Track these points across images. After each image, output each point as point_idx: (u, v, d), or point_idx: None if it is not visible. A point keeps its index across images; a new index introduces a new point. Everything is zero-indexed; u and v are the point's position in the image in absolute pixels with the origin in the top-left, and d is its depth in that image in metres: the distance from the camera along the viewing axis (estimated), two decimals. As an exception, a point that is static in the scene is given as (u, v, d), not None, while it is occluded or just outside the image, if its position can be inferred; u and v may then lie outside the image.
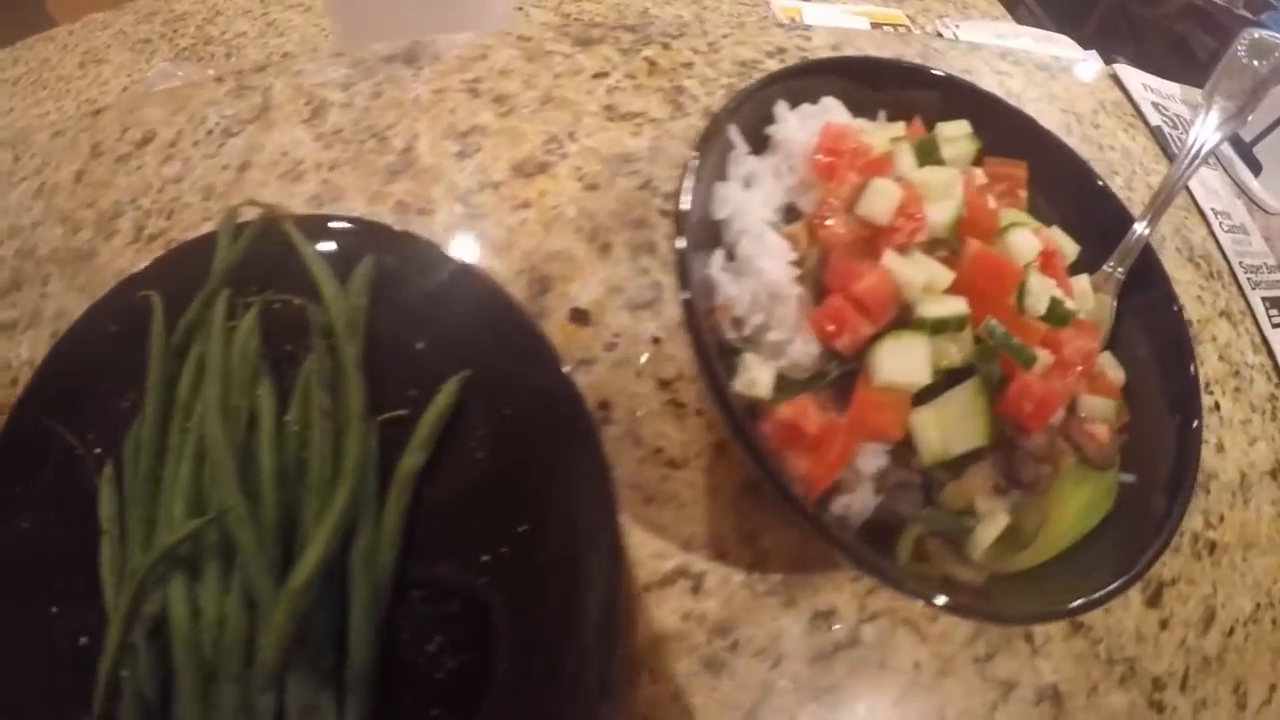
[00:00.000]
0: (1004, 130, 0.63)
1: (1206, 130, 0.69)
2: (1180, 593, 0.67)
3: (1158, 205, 0.66)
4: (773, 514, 0.56)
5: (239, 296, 0.54)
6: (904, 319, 0.48)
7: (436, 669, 0.46)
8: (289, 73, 0.75)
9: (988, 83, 0.90)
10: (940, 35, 1.22)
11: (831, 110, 0.57)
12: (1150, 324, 0.62)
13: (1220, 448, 0.78)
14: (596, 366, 0.59)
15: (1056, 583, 0.51)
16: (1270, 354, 0.90)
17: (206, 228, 0.62)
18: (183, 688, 0.42)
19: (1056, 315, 0.53)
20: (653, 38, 0.79)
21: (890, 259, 0.48)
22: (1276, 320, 0.94)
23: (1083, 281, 0.60)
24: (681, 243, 0.46)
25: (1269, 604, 0.71)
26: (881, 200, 0.50)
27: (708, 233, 0.52)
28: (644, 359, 0.60)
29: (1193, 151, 0.68)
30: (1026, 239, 0.54)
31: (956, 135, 0.59)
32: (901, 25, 1.24)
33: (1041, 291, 0.52)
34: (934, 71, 0.64)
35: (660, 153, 0.70)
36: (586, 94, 0.73)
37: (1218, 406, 0.81)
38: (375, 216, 0.64)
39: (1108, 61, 1.24)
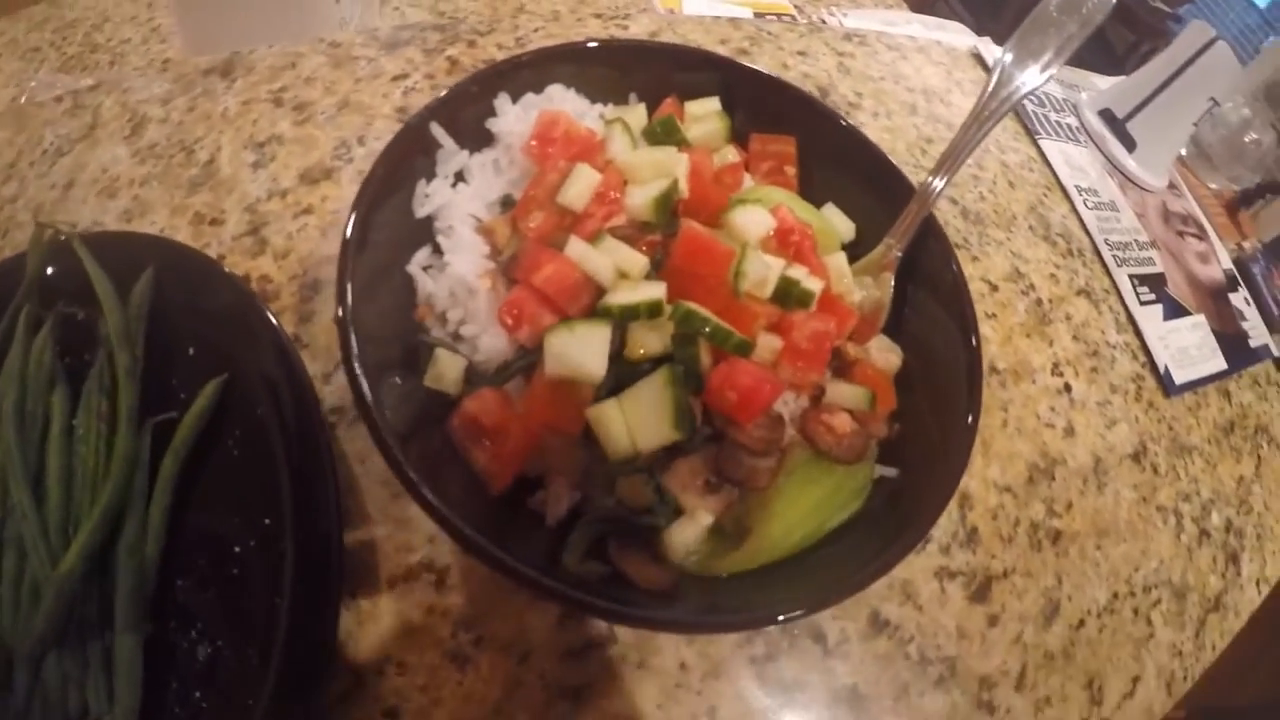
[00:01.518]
0: (773, 104, 0.62)
1: (1008, 87, 0.64)
2: (1014, 586, 0.64)
3: (945, 169, 0.62)
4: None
5: (45, 309, 0.55)
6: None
7: (197, 654, 0.48)
8: (119, 90, 0.75)
9: (824, 64, 0.88)
10: (825, 24, 1.20)
11: (555, 98, 0.56)
12: (934, 296, 0.60)
13: (1070, 431, 0.76)
14: (358, 366, 0.58)
15: (773, 584, 0.49)
16: (1137, 332, 0.88)
17: None
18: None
19: (791, 297, 0.51)
20: (460, 36, 0.78)
21: (574, 246, 0.46)
22: (1146, 298, 0.92)
23: (838, 260, 0.58)
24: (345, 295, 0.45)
25: (1129, 593, 0.69)
26: (578, 186, 0.48)
27: (413, 232, 0.51)
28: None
29: (985, 110, 0.64)
30: (753, 216, 0.52)
31: (704, 113, 0.58)
32: (787, 14, 1.22)
33: (761, 271, 0.49)
34: (672, 48, 0.62)
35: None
36: (383, 97, 0.73)
37: (1068, 388, 0.78)
38: (174, 228, 0.64)
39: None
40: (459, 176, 0.53)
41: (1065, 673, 0.62)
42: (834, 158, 0.62)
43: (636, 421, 0.45)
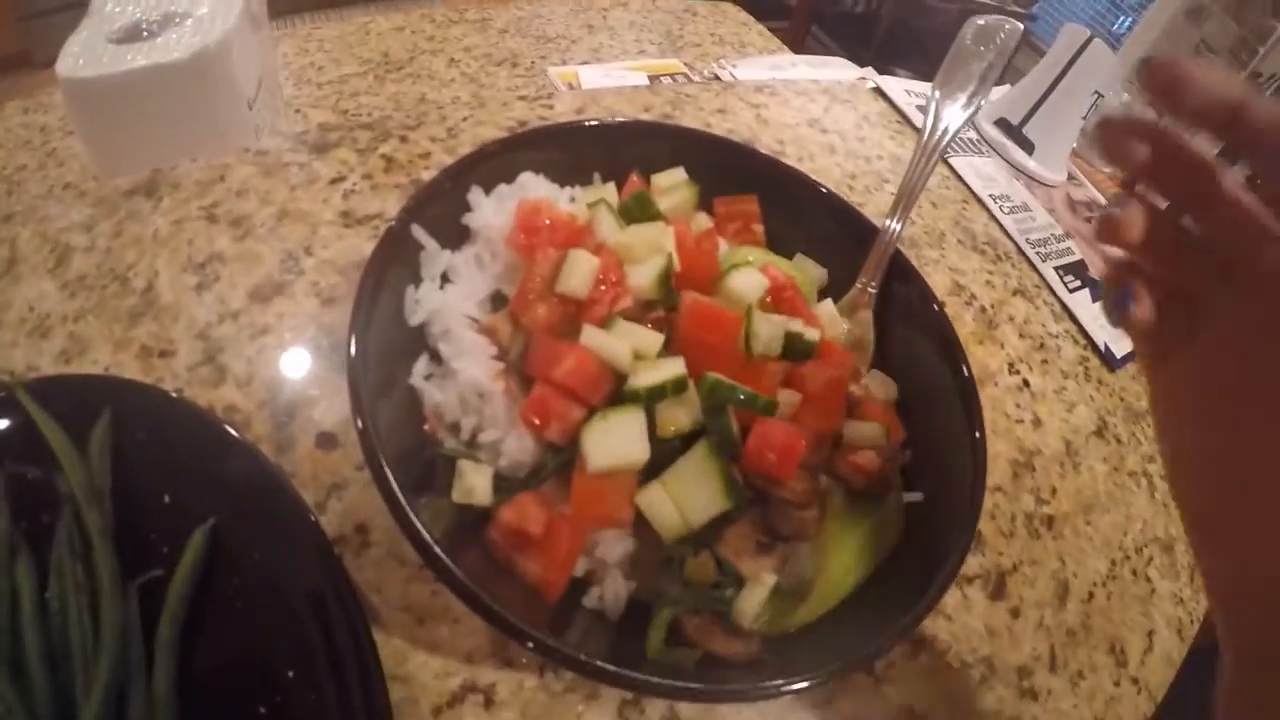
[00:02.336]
0: (733, 167, 0.62)
1: (944, 122, 0.67)
2: (1025, 576, 0.66)
3: (901, 208, 0.64)
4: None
5: None
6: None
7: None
8: (35, 219, 0.69)
9: (744, 118, 0.90)
10: (717, 78, 1.23)
11: (528, 186, 0.55)
12: (917, 328, 0.61)
13: (1037, 422, 0.79)
14: (349, 490, 0.55)
15: (849, 624, 0.49)
16: (1073, 319, 0.93)
17: None
18: None
19: (798, 350, 0.51)
20: (390, 132, 0.76)
21: (590, 335, 0.45)
22: (1074, 285, 0.97)
23: (827, 307, 0.59)
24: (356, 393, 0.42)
25: (1124, 557, 0.72)
26: (578, 273, 0.47)
27: (406, 343, 0.49)
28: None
29: (929, 146, 0.66)
30: (749, 279, 0.52)
31: (672, 184, 0.58)
32: (679, 73, 1.25)
33: (771, 331, 0.49)
34: (640, 121, 0.63)
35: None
36: (323, 202, 0.70)
37: (1026, 384, 0.82)
38: (120, 365, 0.59)
39: (889, 76, 1.28)
40: (444, 278, 0.51)
41: (1089, 644, 0.64)
42: (795, 210, 0.63)
43: (685, 499, 0.44)
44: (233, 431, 0.53)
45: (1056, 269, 0.98)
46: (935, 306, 0.60)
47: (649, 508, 0.44)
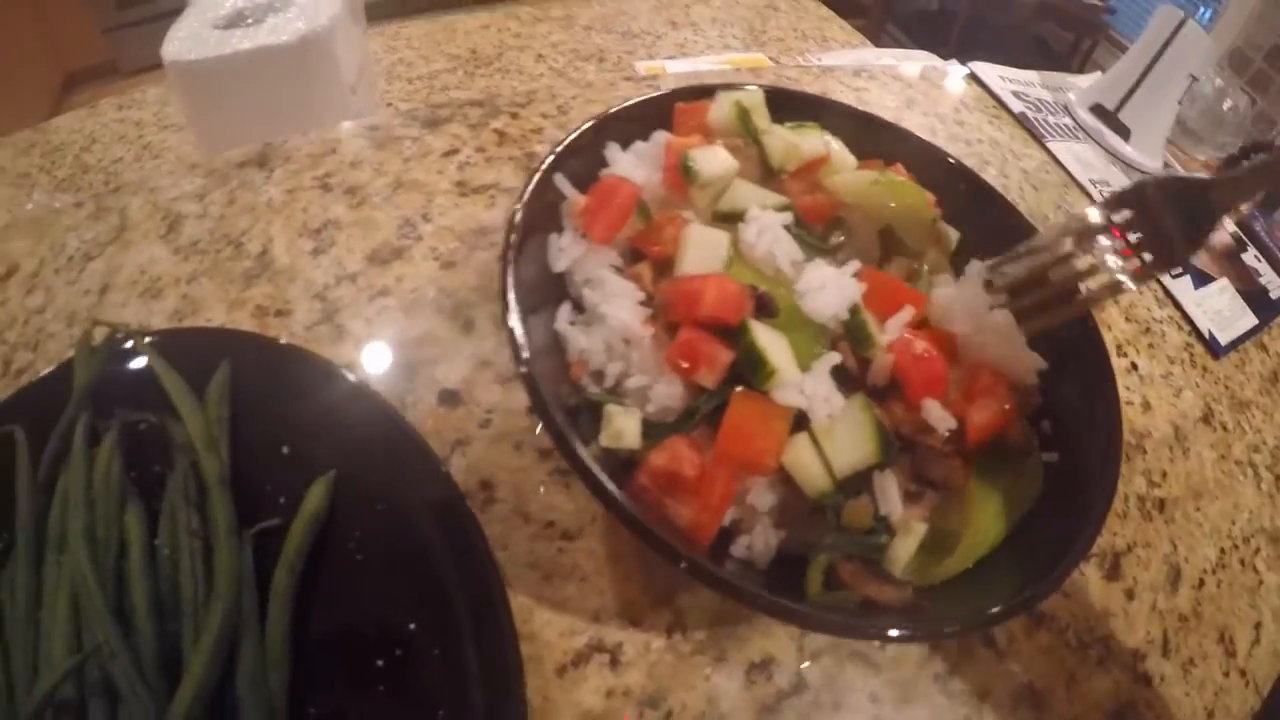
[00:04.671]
0: (870, 139, 0.61)
1: None
2: (1139, 558, 0.64)
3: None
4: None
5: (101, 419, 0.49)
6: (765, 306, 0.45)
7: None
8: (145, 190, 0.70)
9: (844, 100, 0.88)
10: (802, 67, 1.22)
11: (662, 143, 0.53)
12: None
13: (1146, 405, 0.76)
14: (473, 446, 0.54)
15: (995, 578, 0.47)
16: (1176, 305, 0.90)
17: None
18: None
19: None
20: (500, 109, 0.76)
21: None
22: (1175, 272, 0.93)
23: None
24: (514, 321, 0.41)
25: (1233, 546, 0.69)
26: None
27: (550, 290, 0.47)
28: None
29: None
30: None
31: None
32: (765, 67, 1.23)
33: None
34: (780, 87, 0.61)
35: (516, 220, 0.66)
36: (438, 173, 0.70)
37: (1135, 367, 0.80)
38: (235, 323, 0.59)
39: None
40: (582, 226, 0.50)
41: (1200, 632, 0.62)
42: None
43: (835, 452, 0.43)
44: (356, 379, 0.52)
45: (1158, 255, 0.94)
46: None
47: (794, 464, 0.43)
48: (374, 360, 0.57)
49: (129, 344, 0.52)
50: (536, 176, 0.47)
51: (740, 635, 0.50)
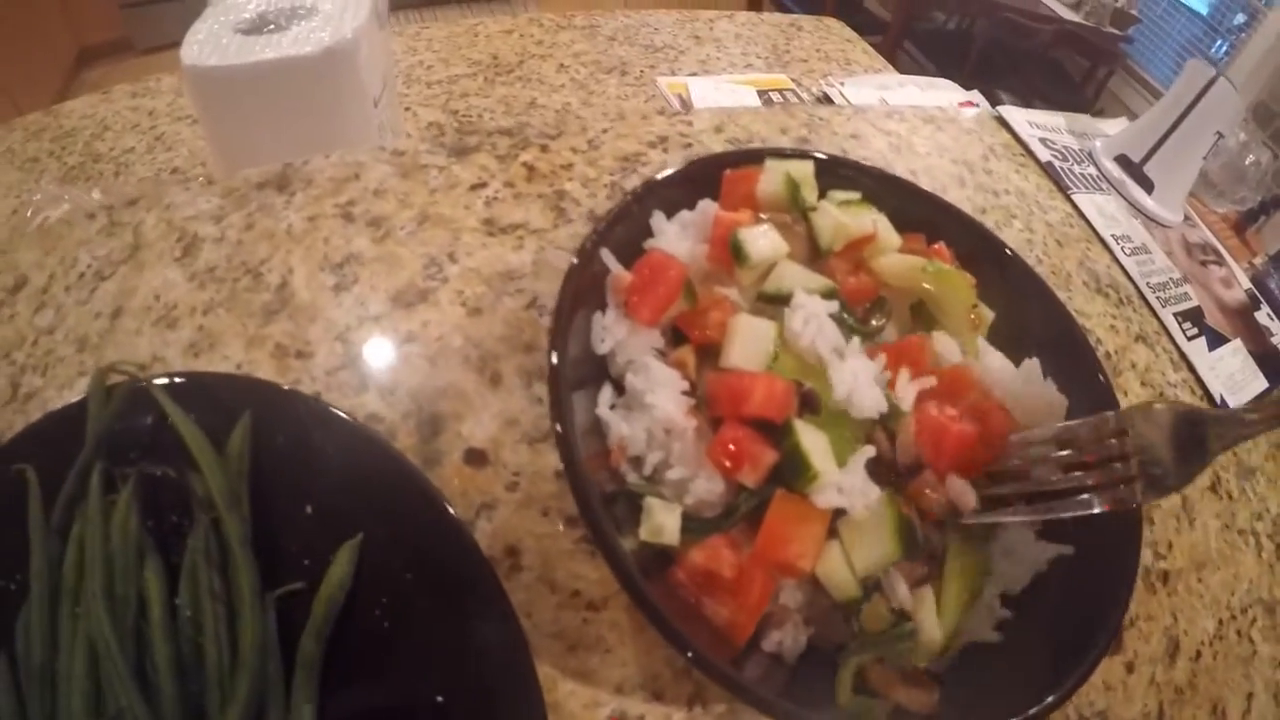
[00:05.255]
0: (909, 210, 0.60)
1: None
2: (1141, 631, 0.63)
3: None
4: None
5: (116, 466, 0.47)
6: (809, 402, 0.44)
7: None
8: (160, 206, 0.68)
9: (877, 145, 0.87)
10: (826, 96, 1.20)
11: (709, 214, 0.52)
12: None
13: None
14: (500, 510, 0.53)
15: (1011, 679, 0.46)
16: (1190, 368, 0.89)
17: (82, 383, 0.55)
18: None
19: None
20: (530, 140, 0.74)
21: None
22: (1191, 333, 0.93)
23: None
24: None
25: (1230, 617, 0.69)
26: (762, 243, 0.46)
27: (592, 367, 0.46)
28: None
29: None
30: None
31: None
32: (788, 89, 1.22)
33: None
34: (831, 156, 0.59)
35: (545, 266, 0.64)
36: (464, 208, 0.68)
37: (1146, 436, 0.78)
38: (253, 364, 0.58)
39: (989, 97, 1.24)
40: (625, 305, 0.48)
41: (1194, 704, 0.62)
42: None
43: (858, 556, 0.42)
44: (383, 439, 0.51)
45: (1175, 315, 0.94)
46: (1101, 378, 0.57)
47: (826, 573, 0.42)
48: (397, 413, 0.56)
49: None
50: (578, 256, 0.46)
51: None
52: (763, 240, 0.48)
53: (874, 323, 0.51)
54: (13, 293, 0.62)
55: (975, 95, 1.28)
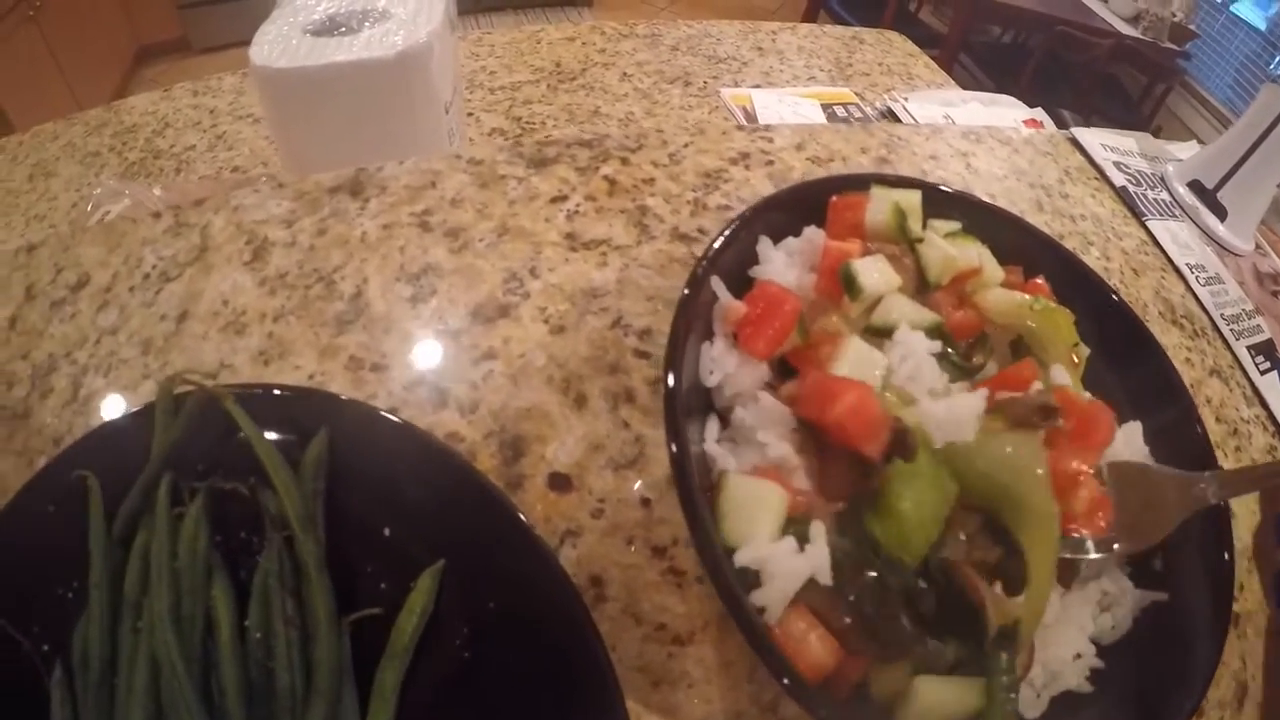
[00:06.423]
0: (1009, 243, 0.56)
1: None
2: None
3: None
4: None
5: (183, 479, 0.45)
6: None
7: None
8: (228, 208, 0.65)
9: (954, 167, 0.83)
10: (890, 111, 1.16)
11: (816, 242, 0.49)
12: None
13: (1231, 514, 0.71)
14: (584, 537, 0.50)
15: None
16: (1263, 404, 0.84)
17: (145, 387, 0.54)
18: None
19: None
20: (611, 153, 0.71)
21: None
22: (1264, 367, 0.88)
23: None
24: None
25: None
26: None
27: (698, 399, 0.43)
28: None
29: None
30: None
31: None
32: (851, 103, 1.18)
33: None
34: (937, 187, 0.56)
35: (628, 284, 0.61)
36: (545, 221, 0.65)
37: (1222, 471, 0.75)
38: (326, 375, 0.55)
39: (1053, 116, 1.20)
40: (736, 337, 0.45)
41: None
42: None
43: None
44: (466, 461, 0.48)
45: (1249, 348, 0.90)
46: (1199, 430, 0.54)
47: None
48: (479, 432, 0.53)
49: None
50: (689, 285, 0.43)
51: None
52: (875, 272, 0.45)
53: (975, 360, 0.48)
54: (75, 290, 0.60)
55: (1039, 113, 1.24)
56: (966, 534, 0.40)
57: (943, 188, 0.55)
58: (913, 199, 0.50)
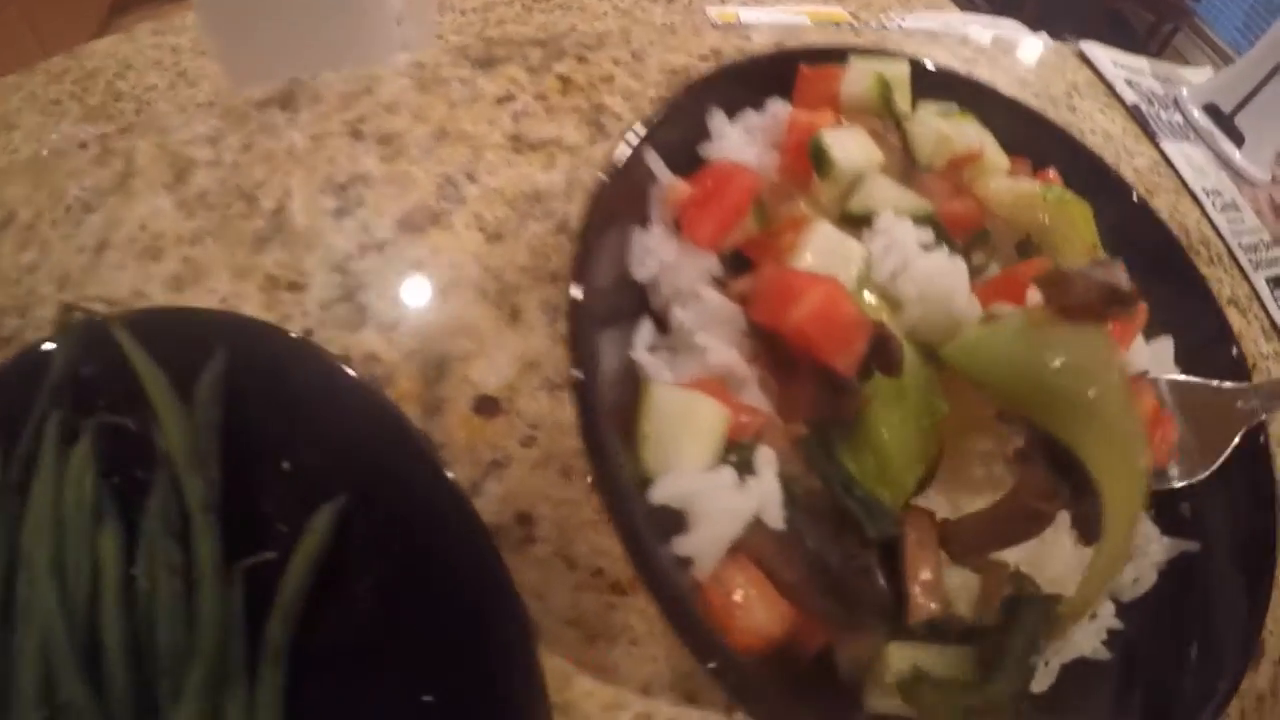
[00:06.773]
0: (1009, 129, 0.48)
1: None
2: None
3: None
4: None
5: (82, 415, 0.39)
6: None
7: None
8: (155, 130, 0.58)
9: (953, 72, 0.75)
10: (885, 28, 1.08)
11: (780, 116, 0.41)
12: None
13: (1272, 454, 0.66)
14: (512, 469, 0.44)
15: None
16: (1282, 339, 0.79)
17: None
18: None
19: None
20: (566, 50, 0.63)
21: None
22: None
23: None
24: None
25: None
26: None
27: (624, 297, 0.36)
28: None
29: None
30: None
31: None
32: (844, 22, 1.09)
33: None
34: (926, 65, 0.48)
35: (578, 186, 0.54)
36: (489, 123, 0.58)
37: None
38: (240, 297, 0.49)
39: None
40: (677, 224, 0.37)
41: (1275, 713, 0.56)
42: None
43: None
44: (374, 389, 0.42)
45: (1268, 280, 0.83)
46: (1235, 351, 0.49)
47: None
48: (399, 352, 0.47)
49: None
50: (625, 151, 0.35)
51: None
52: (851, 144, 0.37)
53: (975, 260, 0.41)
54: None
55: (1043, 37, 1.15)
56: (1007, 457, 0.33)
57: (933, 66, 0.47)
58: (899, 70, 0.42)
